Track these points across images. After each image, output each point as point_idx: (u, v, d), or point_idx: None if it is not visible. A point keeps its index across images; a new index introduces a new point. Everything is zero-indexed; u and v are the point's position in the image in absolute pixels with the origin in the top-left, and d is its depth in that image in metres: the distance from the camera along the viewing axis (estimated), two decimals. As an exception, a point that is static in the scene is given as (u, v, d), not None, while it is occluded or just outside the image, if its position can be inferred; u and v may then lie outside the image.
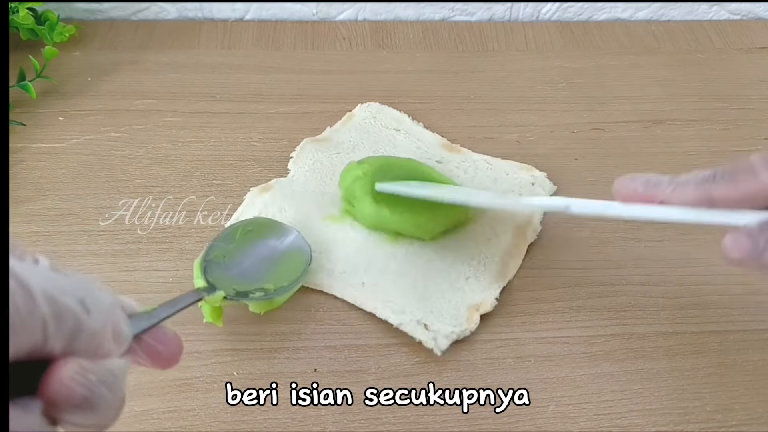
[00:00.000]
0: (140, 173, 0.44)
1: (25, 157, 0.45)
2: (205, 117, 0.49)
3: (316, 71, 0.53)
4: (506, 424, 0.33)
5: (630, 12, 0.61)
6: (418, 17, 0.60)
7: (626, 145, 0.48)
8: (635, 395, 0.35)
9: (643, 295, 0.39)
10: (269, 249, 0.38)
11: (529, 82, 0.53)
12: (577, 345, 0.37)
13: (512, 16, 0.61)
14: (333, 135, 0.47)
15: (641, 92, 0.53)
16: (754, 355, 0.37)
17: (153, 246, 0.40)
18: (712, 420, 0.34)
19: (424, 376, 0.35)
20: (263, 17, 0.59)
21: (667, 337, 0.37)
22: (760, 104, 0.52)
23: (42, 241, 0.40)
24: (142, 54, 0.54)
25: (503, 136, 0.48)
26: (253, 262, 0.36)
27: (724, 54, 0.57)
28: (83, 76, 0.51)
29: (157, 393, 0.34)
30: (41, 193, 0.43)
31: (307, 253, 0.38)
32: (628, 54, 0.57)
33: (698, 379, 0.35)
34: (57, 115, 0.48)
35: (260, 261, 0.37)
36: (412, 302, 0.37)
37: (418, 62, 0.55)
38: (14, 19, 0.49)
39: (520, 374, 0.35)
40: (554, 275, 0.40)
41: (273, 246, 0.38)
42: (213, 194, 0.43)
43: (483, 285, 0.38)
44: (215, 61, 0.54)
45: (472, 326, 0.36)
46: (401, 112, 0.49)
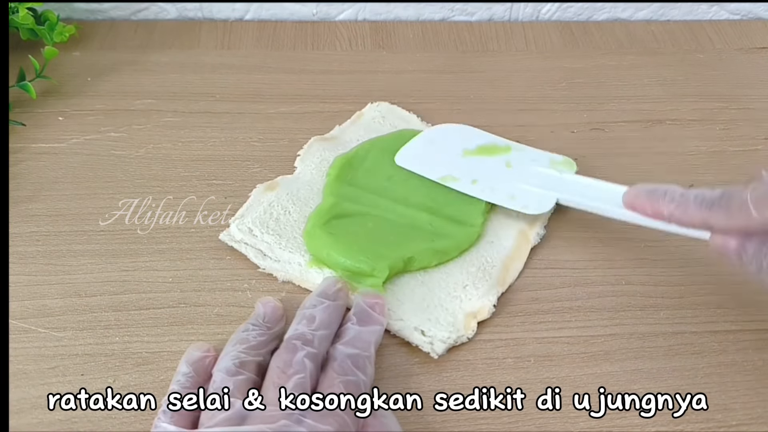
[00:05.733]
0: (140, 173, 0.44)
1: (25, 157, 0.45)
2: (205, 117, 0.49)
3: (316, 71, 0.53)
4: (506, 424, 0.33)
5: (630, 12, 0.61)
6: (418, 17, 0.60)
7: (626, 145, 0.48)
8: (635, 395, 0.35)
9: (643, 295, 0.39)
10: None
11: (529, 82, 0.53)
12: (577, 345, 0.37)
13: (512, 16, 0.61)
14: (341, 134, 0.47)
15: (641, 92, 0.53)
16: (754, 355, 0.37)
17: (153, 246, 0.40)
18: (712, 420, 0.34)
19: (424, 376, 0.35)
20: (263, 17, 0.59)
21: (667, 337, 0.37)
22: (760, 104, 0.52)
23: (42, 241, 0.40)
24: (142, 54, 0.54)
25: (503, 136, 0.48)
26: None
27: (724, 54, 0.57)
28: (83, 76, 0.51)
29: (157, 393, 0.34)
30: (41, 193, 0.43)
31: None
32: (628, 54, 0.57)
33: (698, 379, 0.35)
34: (57, 115, 0.48)
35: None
36: (409, 312, 0.37)
37: (418, 62, 0.55)
38: (14, 19, 0.49)
39: (520, 374, 0.35)
40: (554, 275, 0.40)
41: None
42: (213, 194, 0.43)
43: (481, 292, 0.38)
44: (215, 61, 0.54)
45: (469, 333, 0.36)
46: (410, 112, 0.49)
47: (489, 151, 0.44)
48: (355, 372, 0.31)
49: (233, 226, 0.40)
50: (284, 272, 0.39)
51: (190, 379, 0.31)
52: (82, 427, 0.32)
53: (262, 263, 0.39)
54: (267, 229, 0.40)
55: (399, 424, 0.31)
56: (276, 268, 0.39)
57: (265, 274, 0.39)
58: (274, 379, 0.30)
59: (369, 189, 0.42)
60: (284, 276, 0.39)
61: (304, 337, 0.32)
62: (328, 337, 0.33)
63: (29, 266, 0.39)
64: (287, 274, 0.39)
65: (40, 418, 0.33)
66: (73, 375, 0.34)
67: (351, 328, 0.33)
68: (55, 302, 0.37)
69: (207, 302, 0.38)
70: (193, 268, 0.39)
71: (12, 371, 0.34)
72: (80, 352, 0.35)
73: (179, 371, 0.32)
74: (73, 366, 0.35)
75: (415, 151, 0.44)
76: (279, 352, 0.31)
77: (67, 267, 0.39)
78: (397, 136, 0.46)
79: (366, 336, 0.33)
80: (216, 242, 0.40)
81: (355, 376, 0.31)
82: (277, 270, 0.39)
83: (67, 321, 0.36)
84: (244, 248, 0.40)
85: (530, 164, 0.43)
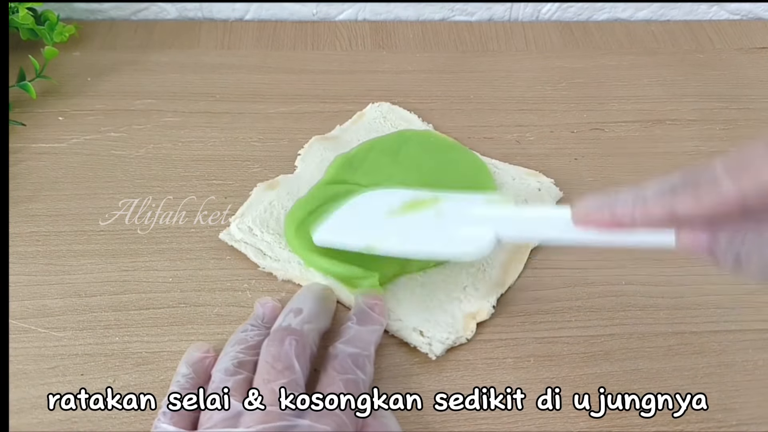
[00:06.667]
0: (140, 173, 0.44)
1: (25, 157, 0.45)
2: (205, 117, 0.49)
3: (316, 71, 0.53)
4: (506, 424, 0.33)
5: (630, 12, 0.61)
6: (418, 17, 0.60)
7: (626, 145, 0.48)
8: (635, 395, 0.35)
9: (643, 295, 0.39)
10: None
11: (529, 82, 0.53)
12: (577, 345, 0.37)
13: (512, 16, 0.61)
14: (342, 133, 0.47)
15: (641, 92, 0.53)
16: (754, 354, 0.37)
17: (153, 246, 0.40)
18: (712, 420, 0.34)
19: (424, 376, 0.35)
20: (263, 17, 0.59)
21: (667, 337, 0.37)
22: (760, 104, 0.52)
23: (42, 241, 0.40)
24: (142, 54, 0.54)
25: (503, 136, 0.48)
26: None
27: (724, 54, 0.57)
28: (83, 76, 0.51)
29: (157, 393, 0.34)
30: (41, 193, 0.43)
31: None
32: (628, 54, 0.57)
33: (698, 379, 0.35)
34: (57, 115, 0.48)
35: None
36: (408, 312, 0.37)
37: (418, 62, 0.55)
38: (14, 19, 0.49)
39: (520, 374, 0.35)
40: (554, 275, 0.40)
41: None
42: (213, 194, 0.43)
43: (481, 293, 0.38)
44: (215, 61, 0.54)
45: (468, 334, 0.36)
46: (411, 113, 0.49)
47: (415, 206, 0.37)
48: (355, 371, 0.31)
49: (233, 225, 0.41)
50: (284, 271, 0.39)
51: (189, 380, 0.31)
52: (82, 427, 0.32)
53: (262, 262, 0.39)
54: (267, 228, 0.40)
55: (398, 424, 0.31)
56: (276, 267, 0.39)
57: (264, 274, 0.39)
58: (265, 376, 0.30)
59: (369, 189, 0.42)
60: (284, 275, 0.39)
61: (290, 328, 0.32)
62: (316, 330, 0.33)
63: (29, 266, 0.39)
64: (287, 273, 0.39)
65: (40, 418, 0.33)
66: (73, 375, 0.34)
67: (351, 327, 0.33)
68: (55, 302, 0.37)
69: (207, 302, 0.38)
70: (193, 268, 0.39)
71: (12, 371, 0.34)
72: (80, 352, 0.35)
73: (179, 372, 0.32)
74: (73, 366, 0.35)
75: (333, 225, 0.38)
76: (267, 345, 0.31)
77: (67, 267, 0.39)
78: (397, 137, 0.46)
79: (366, 335, 0.33)
80: (216, 242, 0.40)
81: (355, 375, 0.31)
82: (276, 269, 0.39)
83: (67, 321, 0.36)
84: (244, 247, 0.40)
85: (463, 208, 0.36)
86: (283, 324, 0.33)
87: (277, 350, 0.30)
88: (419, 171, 0.43)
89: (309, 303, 0.34)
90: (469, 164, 0.44)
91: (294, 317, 0.33)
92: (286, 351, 0.30)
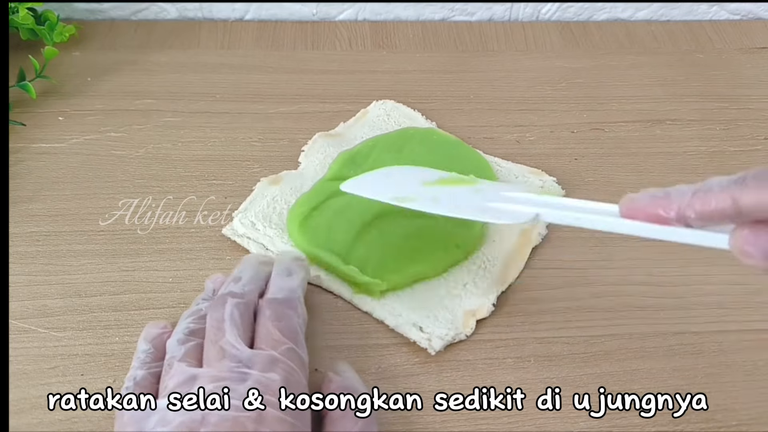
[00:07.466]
0: (140, 173, 0.44)
1: (25, 157, 0.45)
2: (205, 117, 0.49)
3: (316, 71, 0.53)
4: (506, 424, 0.33)
5: (630, 12, 0.61)
6: (418, 17, 0.60)
7: (626, 145, 0.48)
8: (635, 395, 0.35)
9: (643, 295, 0.39)
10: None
11: (529, 82, 0.53)
12: (577, 345, 0.37)
13: (512, 16, 0.61)
14: (346, 131, 0.47)
15: (641, 92, 0.53)
16: (754, 355, 0.37)
17: (153, 246, 0.40)
18: (712, 420, 0.34)
19: (424, 376, 0.35)
20: (263, 17, 0.59)
21: (667, 337, 0.37)
22: (760, 104, 0.52)
23: (42, 241, 0.40)
24: (142, 54, 0.54)
25: (503, 136, 0.48)
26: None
27: (724, 54, 0.57)
28: (83, 76, 0.51)
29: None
30: (41, 193, 0.43)
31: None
32: (628, 54, 0.57)
33: (698, 379, 0.35)
34: (57, 115, 0.48)
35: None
36: (408, 308, 0.37)
37: (418, 62, 0.55)
38: (14, 19, 0.49)
39: (520, 374, 0.35)
40: (554, 275, 0.40)
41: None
42: (213, 194, 0.43)
43: (481, 290, 0.38)
44: (215, 61, 0.54)
45: (467, 331, 0.36)
46: (415, 111, 0.49)
47: (453, 182, 0.36)
48: (288, 313, 0.32)
49: (236, 219, 0.41)
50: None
51: (150, 354, 0.32)
52: (82, 427, 0.32)
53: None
54: (270, 222, 0.40)
55: (361, 382, 0.32)
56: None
57: (265, 274, 0.39)
58: (212, 337, 0.31)
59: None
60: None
61: (231, 292, 0.33)
62: (256, 291, 0.34)
63: (29, 266, 0.39)
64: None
65: (40, 418, 0.33)
66: (73, 375, 0.34)
67: (274, 279, 0.35)
68: (55, 302, 0.37)
69: (207, 302, 0.38)
70: (193, 268, 0.39)
71: (12, 371, 0.34)
72: (80, 352, 0.35)
73: (139, 348, 0.33)
74: (73, 366, 0.35)
75: (364, 180, 0.38)
76: (210, 310, 0.32)
77: (67, 267, 0.39)
78: (401, 134, 0.46)
79: (289, 283, 0.34)
80: (216, 242, 0.40)
81: (289, 319, 0.32)
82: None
83: (67, 321, 0.36)
84: (246, 242, 0.40)
85: (503, 190, 0.35)
86: (224, 291, 0.34)
87: (220, 313, 0.32)
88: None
89: (247, 270, 0.35)
90: (472, 162, 0.44)
91: (234, 284, 0.34)
92: (229, 311, 0.32)
